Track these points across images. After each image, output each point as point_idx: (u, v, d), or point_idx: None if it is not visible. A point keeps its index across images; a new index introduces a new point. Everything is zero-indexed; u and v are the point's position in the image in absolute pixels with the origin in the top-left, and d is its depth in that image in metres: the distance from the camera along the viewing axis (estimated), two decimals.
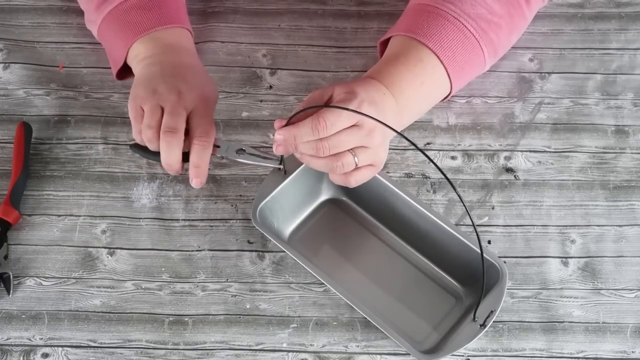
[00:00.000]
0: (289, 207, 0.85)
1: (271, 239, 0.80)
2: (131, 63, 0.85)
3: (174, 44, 0.84)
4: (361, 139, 0.73)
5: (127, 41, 0.84)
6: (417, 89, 0.81)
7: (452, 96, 0.87)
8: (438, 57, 0.81)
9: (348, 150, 0.73)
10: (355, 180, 0.75)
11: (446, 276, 0.84)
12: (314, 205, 0.88)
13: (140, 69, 0.82)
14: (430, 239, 0.83)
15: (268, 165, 0.79)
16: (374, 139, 0.74)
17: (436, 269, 0.84)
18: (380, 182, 0.82)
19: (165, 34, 0.84)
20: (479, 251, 0.72)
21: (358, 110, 0.71)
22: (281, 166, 0.79)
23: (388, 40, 0.86)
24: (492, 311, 0.76)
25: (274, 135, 0.73)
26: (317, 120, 0.70)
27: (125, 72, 0.88)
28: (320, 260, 0.85)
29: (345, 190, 0.87)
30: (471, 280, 0.81)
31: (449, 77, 0.82)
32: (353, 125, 0.72)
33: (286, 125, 0.72)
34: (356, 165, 0.74)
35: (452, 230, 0.80)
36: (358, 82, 0.76)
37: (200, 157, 0.76)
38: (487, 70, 0.90)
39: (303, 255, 0.81)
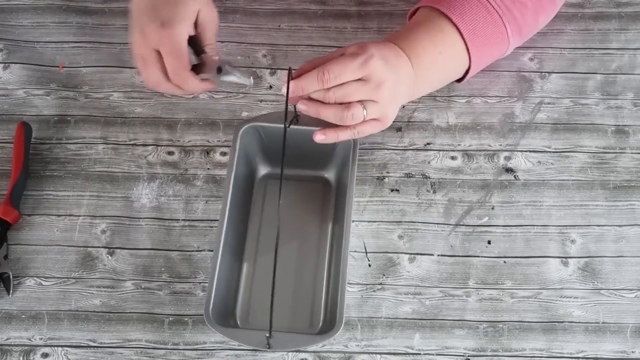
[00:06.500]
0: None
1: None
2: None
3: None
4: (368, 93, 0.75)
5: None
6: (435, 58, 0.82)
7: (472, 75, 0.87)
8: (458, 28, 0.82)
9: (358, 102, 0.75)
10: (359, 132, 0.78)
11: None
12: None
13: None
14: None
15: (245, 82, 0.79)
16: (382, 93, 0.76)
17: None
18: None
19: None
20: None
21: (366, 64, 0.74)
22: (251, 81, 0.80)
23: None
24: None
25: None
26: (322, 71, 0.73)
27: None
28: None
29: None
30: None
31: (468, 50, 0.83)
32: (360, 79, 0.74)
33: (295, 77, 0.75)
34: (364, 118, 0.76)
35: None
36: (374, 42, 0.78)
37: (180, 90, 0.79)
38: (487, 70, 0.90)
39: None
